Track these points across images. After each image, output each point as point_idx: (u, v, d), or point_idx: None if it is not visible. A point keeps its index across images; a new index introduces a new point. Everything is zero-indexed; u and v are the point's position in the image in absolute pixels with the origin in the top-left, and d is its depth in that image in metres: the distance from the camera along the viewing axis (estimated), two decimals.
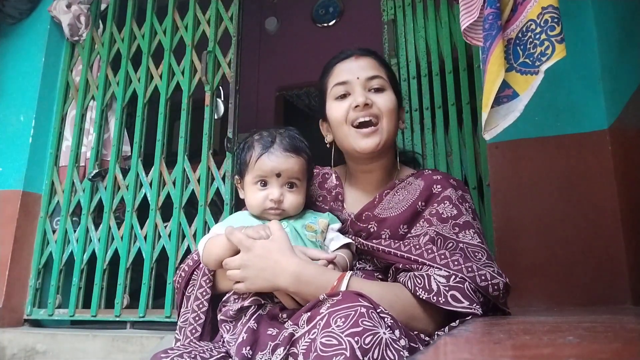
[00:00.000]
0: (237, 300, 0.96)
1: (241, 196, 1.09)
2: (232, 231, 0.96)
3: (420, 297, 0.90)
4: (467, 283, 0.89)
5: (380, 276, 1.04)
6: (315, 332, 0.73)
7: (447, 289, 0.88)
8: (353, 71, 1.08)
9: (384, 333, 0.71)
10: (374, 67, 1.09)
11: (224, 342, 0.95)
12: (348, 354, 0.66)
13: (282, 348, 0.78)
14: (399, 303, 0.90)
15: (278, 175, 1.00)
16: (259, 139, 1.05)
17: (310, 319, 0.77)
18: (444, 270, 0.91)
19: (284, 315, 0.90)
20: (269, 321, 0.91)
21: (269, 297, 0.96)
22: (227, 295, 1.00)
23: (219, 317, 0.98)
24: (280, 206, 1.01)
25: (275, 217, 1.02)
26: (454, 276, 0.89)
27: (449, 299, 0.87)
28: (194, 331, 1.00)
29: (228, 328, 0.95)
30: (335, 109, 1.09)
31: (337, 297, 0.77)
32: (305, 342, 0.74)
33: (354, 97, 1.06)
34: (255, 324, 0.91)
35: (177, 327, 1.03)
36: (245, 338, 0.88)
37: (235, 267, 0.94)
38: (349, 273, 0.92)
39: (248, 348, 0.86)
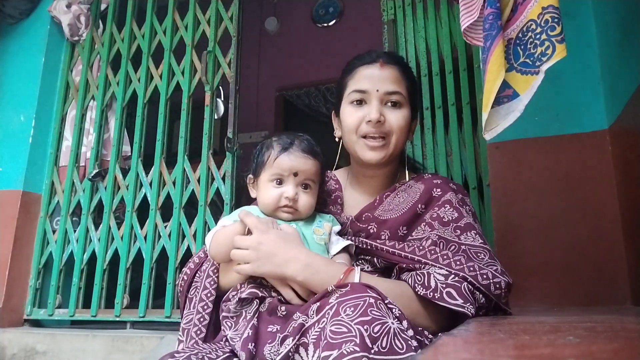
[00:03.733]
0: (235, 296, 0.97)
1: (252, 195, 1.11)
2: (247, 214, 0.99)
3: (419, 293, 0.91)
4: (465, 284, 0.90)
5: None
6: (324, 321, 0.73)
7: (444, 286, 0.89)
8: (374, 81, 1.07)
9: (392, 323, 0.72)
10: (395, 81, 1.08)
11: (226, 339, 0.95)
12: (358, 341, 0.67)
13: (291, 338, 0.78)
14: (404, 299, 0.91)
15: (295, 174, 1.03)
16: (278, 139, 1.07)
17: (319, 309, 0.78)
18: (445, 270, 0.92)
19: (283, 309, 0.91)
20: (268, 317, 0.92)
21: (267, 290, 0.96)
22: (228, 292, 1.01)
23: (222, 314, 0.99)
24: (294, 205, 1.02)
25: (287, 216, 1.03)
26: (453, 275, 0.91)
27: (444, 295, 0.88)
28: (198, 332, 1.01)
29: (230, 325, 0.95)
30: (349, 116, 1.09)
31: (346, 288, 0.78)
32: (315, 331, 0.74)
33: (369, 109, 1.06)
34: (257, 321, 0.91)
35: (180, 329, 1.03)
36: (250, 334, 0.88)
37: (244, 247, 0.94)
38: (357, 267, 0.95)
39: (253, 344, 0.87)
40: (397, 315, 0.76)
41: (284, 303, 0.93)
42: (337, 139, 1.18)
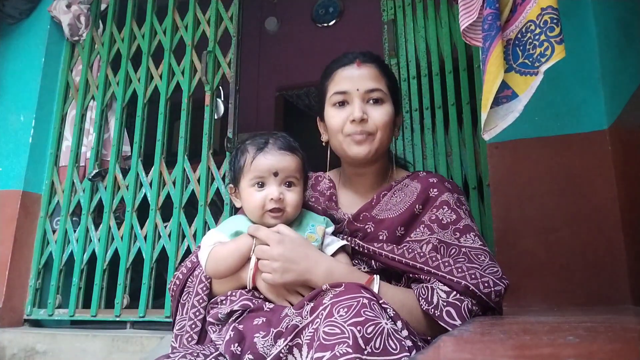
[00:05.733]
0: (224, 303, 0.96)
1: (237, 205, 1.09)
2: (257, 228, 0.97)
3: (422, 307, 0.92)
4: (466, 302, 0.90)
5: None
6: (318, 322, 0.74)
7: (445, 304, 0.90)
8: (354, 81, 1.08)
9: (386, 323, 0.72)
10: (374, 78, 1.09)
11: (212, 342, 0.95)
12: (351, 342, 0.67)
13: (282, 339, 0.78)
14: (418, 310, 0.93)
15: (275, 174, 0.99)
16: (252, 142, 1.04)
17: (313, 309, 0.78)
18: (447, 286, 0.92)
19: (269, 304, 0.92)
20: (254, 314, 0.91)
21: (258, 301, 0.95)
22: (217, 297, 1.00)
23: (208, 319, 0.98)
24: (282, 205, 0.99)
25: (275, 221, 0.99)
26: (455, 292, 0.91)
27: (443, 314, 0.89)
28: (190, 339, 1.00)
29: (214, 330, 0.95)
30: (333, 117, 1.10)
31: (340, 287, 0.78)
32: (309, 332, 0.75)
33: (351, 108, 1.07)
34: (241, 325, 0.90)
35: (173, 335, 1.03)
36: (232, 336, 0.87)
37: (265, 259, 0.93)
38: (377, 277, 0.95)
39: (236, 345, 0.86)
40: (391, 315, 0.76)
41: (270, 301, 0.94)
42: (324, 144, 1.19)
